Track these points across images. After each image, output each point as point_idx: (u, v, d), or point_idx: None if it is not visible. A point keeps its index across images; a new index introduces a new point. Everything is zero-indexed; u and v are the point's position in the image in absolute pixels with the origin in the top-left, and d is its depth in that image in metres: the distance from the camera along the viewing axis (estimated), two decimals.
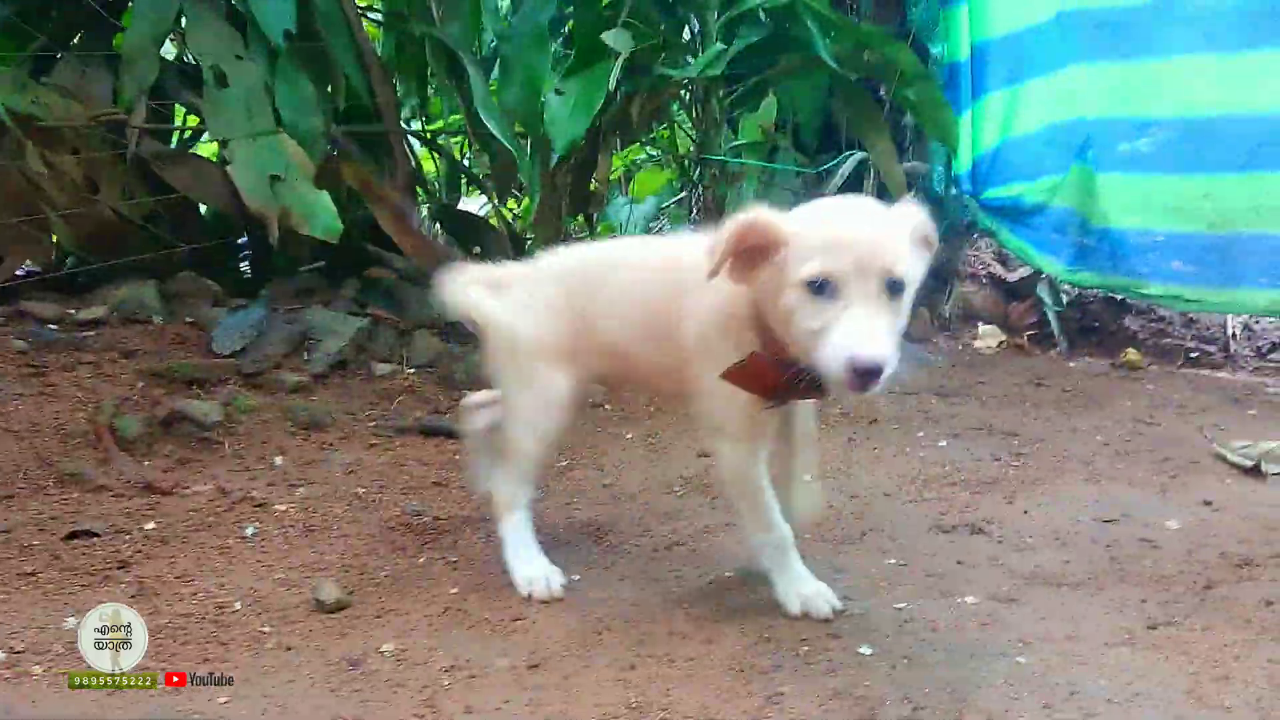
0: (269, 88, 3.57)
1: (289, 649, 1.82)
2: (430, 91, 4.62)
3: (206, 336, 3.25)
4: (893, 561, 2.18)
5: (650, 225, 5.52)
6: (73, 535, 2.27)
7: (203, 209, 3.94)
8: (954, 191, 4.96)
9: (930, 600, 1.99)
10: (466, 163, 5.01)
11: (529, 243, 4.47)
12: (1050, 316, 4.64)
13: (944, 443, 3.12)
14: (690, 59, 4.53)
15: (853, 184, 5.02)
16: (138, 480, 2.61)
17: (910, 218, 1.73)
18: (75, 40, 3.78)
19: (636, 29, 4.22)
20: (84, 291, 3.46)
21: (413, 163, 4.12)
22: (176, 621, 1.91)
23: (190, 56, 3.85)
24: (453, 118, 5.20)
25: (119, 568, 2.14)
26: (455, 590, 2.07)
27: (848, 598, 1.97)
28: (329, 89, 3.85)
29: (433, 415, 3.25)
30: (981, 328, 4.69)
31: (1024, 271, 4.90)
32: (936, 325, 4.77)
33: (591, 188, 4.41)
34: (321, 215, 3.51)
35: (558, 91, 3.92)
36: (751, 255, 1.70)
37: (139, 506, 2.47)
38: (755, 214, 1.69)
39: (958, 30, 4.90)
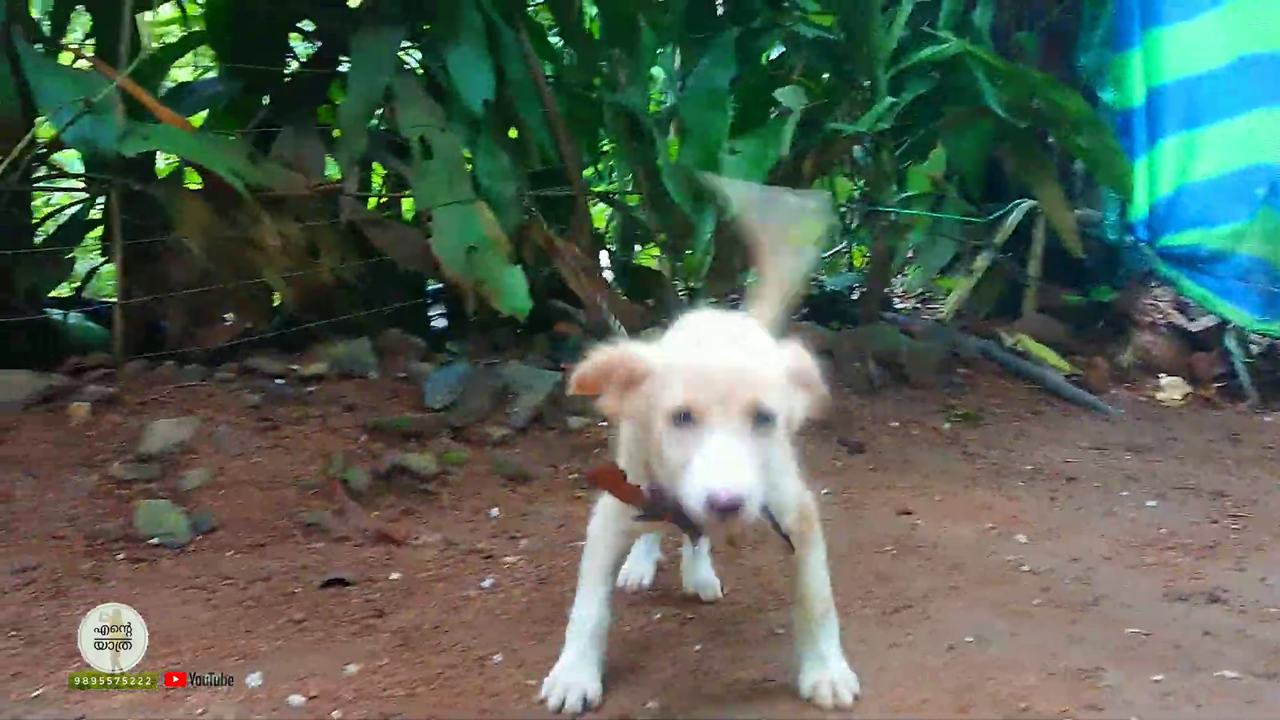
0: (468, 157, 3.78)
1: None
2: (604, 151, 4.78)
3: (417, 390, 3.43)
4: (1134, 631, 2.16)
5: (811, 276, 5.55)
6: (328, 584, 2.43)
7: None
8: (1129, 239, 4.86)
9: (1185, 674, 1.96)
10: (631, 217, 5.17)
11: (702, 297, 4.57)
12: (1239, 368, 4.49)
13: (1152, 503, 3.06)
14: (858, 110, 4.59)
15: (1023, 232, 4.99)
16: (372, 531, 2.77)
17: (790, 358, 1.67)
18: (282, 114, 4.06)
19: (807, 85, 4.31)
20: (299, 349, 3.68)
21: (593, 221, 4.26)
22: (445, 672, 2.02)
23: (389, 124, 4.09)
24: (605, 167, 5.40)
25: (376, 616, 2.28)
26: (698, 648, 2.13)
27: (1099, 668, 1.96)
28: (521, 154, 4.03)
29: None
30: (1164, 379, 4.57)
31: (1207, 321, 4.76)
32: (1114, 376, 4.66)
33: None
34: (513, 291, 3.67)
35: (731, 151, 4.02)
36: (623, 385, 1.68)
37: (378, 556, 2.63)
38: (620, 351, 1.69)
39: (1131, 76, 4.82)
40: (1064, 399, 4.31)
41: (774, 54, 4.89)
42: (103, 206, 3.87)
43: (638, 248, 5.48)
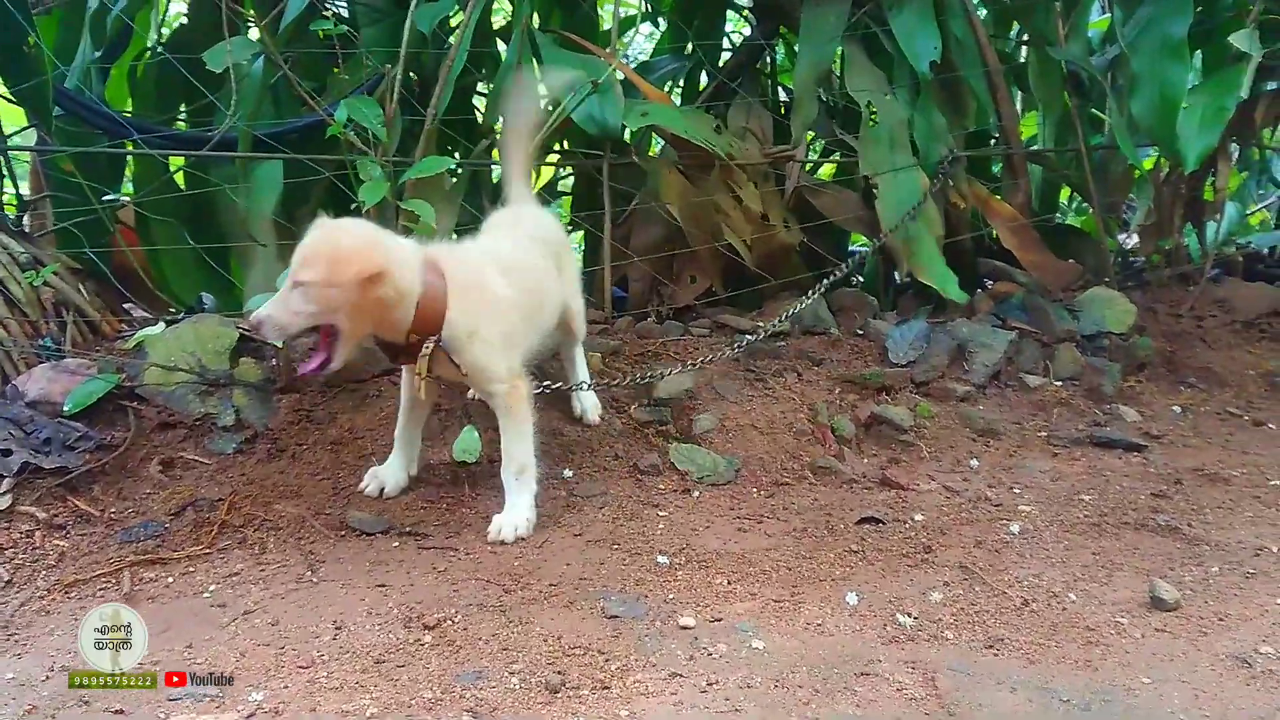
0: (909, 121, 3.86)
1: (1170, 642, 1.99)
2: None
3: (877, 346, 3.58)
4: None
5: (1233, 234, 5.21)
6: (863, 521, 2.62)
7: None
8: None
9: None
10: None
11: (1139, 254, 4.43)
12: None
13: None
14: None
15: None
16: (875, 476, 2.95)
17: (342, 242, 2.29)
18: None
19: (1267, 29, 4.02)
20: (752, 307, 3.93)
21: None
22: (1029, 604, 2.15)
23: (827, 95, 4.25)
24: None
25: (925, 551, 2.44)
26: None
27: None
28: (958, 115, 4.06)
29: (1095, 427, 3.33)
30: None
31: None
32: None
33: (1208, 196, 4.27)
34: (938, 270, 3.77)
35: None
36: None
37: (890, 499, 2.80)
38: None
39: None
40: None
41: None
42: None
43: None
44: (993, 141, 4.39)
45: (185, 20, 4.20)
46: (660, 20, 4.58)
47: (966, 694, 1.78)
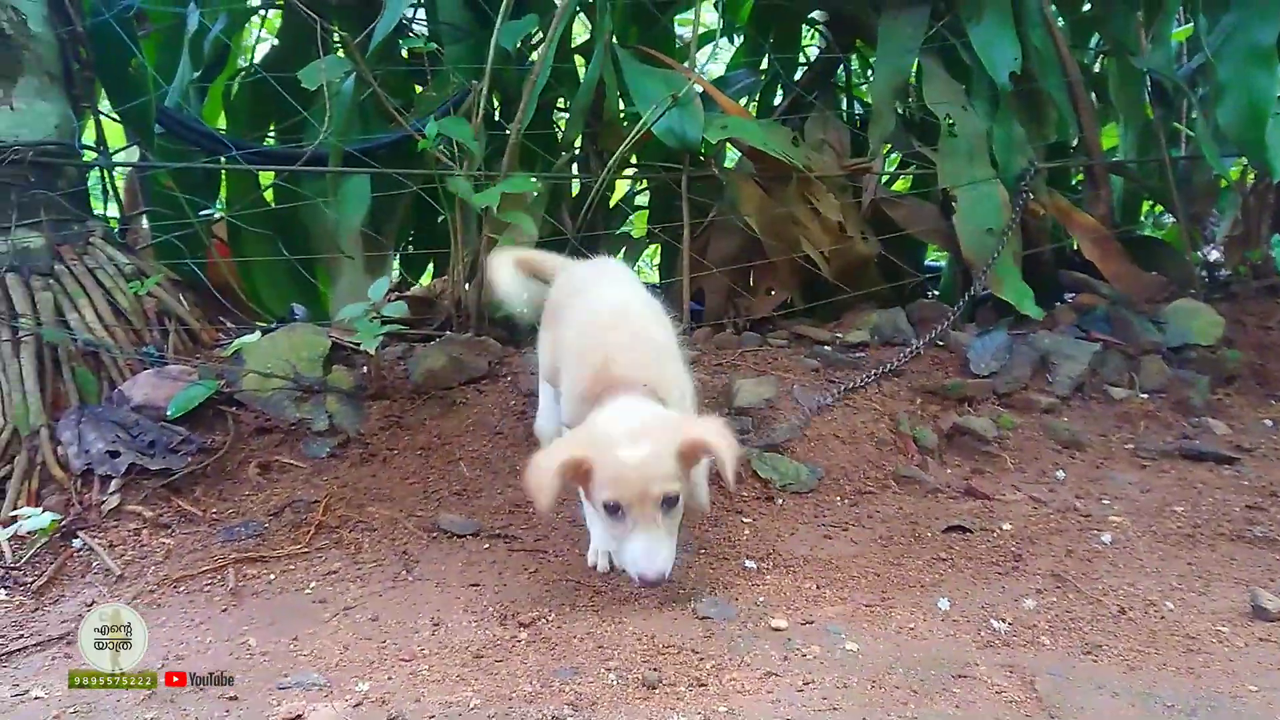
0: (988, 134, 3.84)
1: (1275, 651, 1.95)
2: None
3: (957, 357, 3.55)
4: None
5: None
6: (949, 529, 2.61)
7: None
8: None
9: None
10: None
11: (1220, 268, 4.35)
12: None
13: None
14: None
15: None
16: (957, 485, 2.93)
17: (680, 433, 2.02)
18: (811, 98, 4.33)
19: None
20: (829, 319, 3.93)
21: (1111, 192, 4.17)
22: (1127, 612, 2.12)
23: (904, 107, 4.25)
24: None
25: (1015, 559, 2.42)
26: None
27: None
28: (1037, 125, 4.03)
29: (1184, 440, 3.27)
30: None
31: None
32: None
33: None
34: (1015, 286, 3.75)
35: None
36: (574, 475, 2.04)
37: (977, 508, 2.78)
38: (569, 454, 2.00)
39: None
40: None
41: None
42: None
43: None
44: (1072, 152, 4.34)
45: (275, 42, 4.34)
46: (736, 35, 4.61)
47: (1067, 698, 1.77)
